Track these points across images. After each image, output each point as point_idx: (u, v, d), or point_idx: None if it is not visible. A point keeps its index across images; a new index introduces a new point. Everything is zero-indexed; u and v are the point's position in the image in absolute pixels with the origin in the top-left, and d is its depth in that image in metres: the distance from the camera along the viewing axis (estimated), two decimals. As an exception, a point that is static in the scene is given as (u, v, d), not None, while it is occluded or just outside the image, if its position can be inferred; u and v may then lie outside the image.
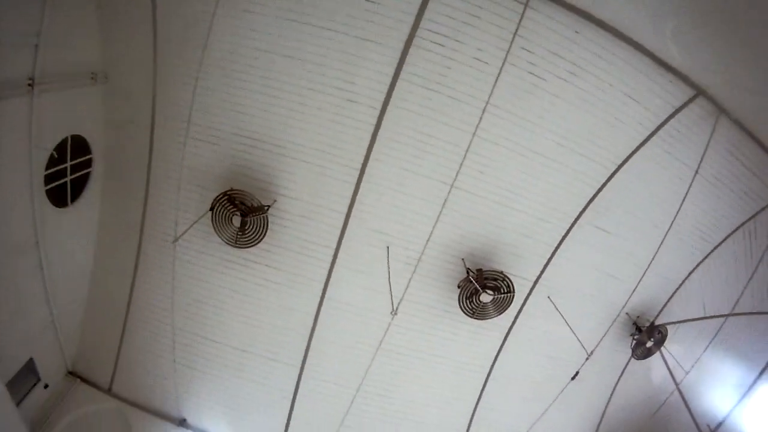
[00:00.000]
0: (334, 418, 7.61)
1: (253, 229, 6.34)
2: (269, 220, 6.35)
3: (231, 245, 6.44)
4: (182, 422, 7.61)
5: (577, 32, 5.62)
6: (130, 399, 7.65)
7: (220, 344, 7.32)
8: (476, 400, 7.90)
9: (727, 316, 7.86)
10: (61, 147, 5.82)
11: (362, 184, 6.35)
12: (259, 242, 6.43)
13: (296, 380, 7.44)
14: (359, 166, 6.25)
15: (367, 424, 7.77)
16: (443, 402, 7.83)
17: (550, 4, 5.43)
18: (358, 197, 6.43)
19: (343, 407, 7.54)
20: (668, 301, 7.78)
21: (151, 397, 7.67)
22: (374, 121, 6.03)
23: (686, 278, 7.62)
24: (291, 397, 7.53)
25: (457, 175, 6.28)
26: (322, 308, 7.03)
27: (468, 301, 6.54)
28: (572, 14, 5.48)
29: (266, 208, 6.27)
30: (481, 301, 6.45)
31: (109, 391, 7.61)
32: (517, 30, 5.59)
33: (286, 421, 7.68)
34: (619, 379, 8.35)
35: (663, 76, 5.87)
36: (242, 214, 6.17)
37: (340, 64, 5.76)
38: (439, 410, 7.87)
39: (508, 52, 5.69)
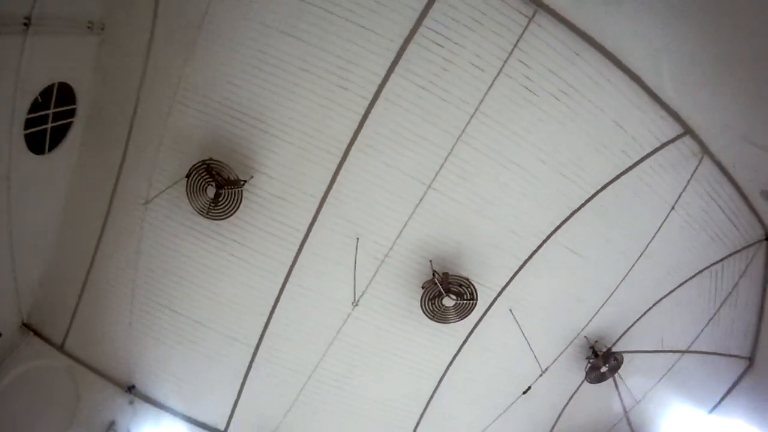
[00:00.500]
0: (284, 402, 7.54)
1: (227, 202, 6.24)
2: (244, 195, 6.27)
3: (202, 215, 6.33)
4: (131, 388, 7.44)
5: (577, 54, 5.65)
6: (80, 358, 7.45)
7: (178, 314, 7.18)
8: (426, 402, 7.91)
9: (683, 352, 8.00)
10: (46, 93, 5.62)
11: (341, 173, 6.32)
12: (230, 216, 6.34)
13: (250, 360, 7.35)
14: (341, 154, 6.21)
15: (315, 412, 7.72)
16: (393, 400, 7.84)
17: (554, 22, 5.45)
18: (335, 185, 6.39)
19: (293, 393, 7.47)
20: (628, 329, 7.89)
21: (102, 359, 7.48)
22: (363, 111, 5.99)
23: (648, 310, 7.74)
24: (243, 376, 7.43)
25: (435, 177, 6.28)
26: (285, 291, 6.96)
27: (430, 303, 6.56)
28: (575, 36, 5.51)
29: (242, 182, 6.20)
30: (443, 305, 6.47)
31: (61, 348, 7.42)
32: (517, 42, 5.59)
33: (234, 400, 7.57)
34: (569, 400, 8.44)
35: (654, 110, 5.94)
36: (217, 186, 6.08)
37: (338, 50, 5.69)
38: (389, 408, 7.88)
39: (505, 62, 5.70)
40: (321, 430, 7.86)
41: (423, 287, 6.65)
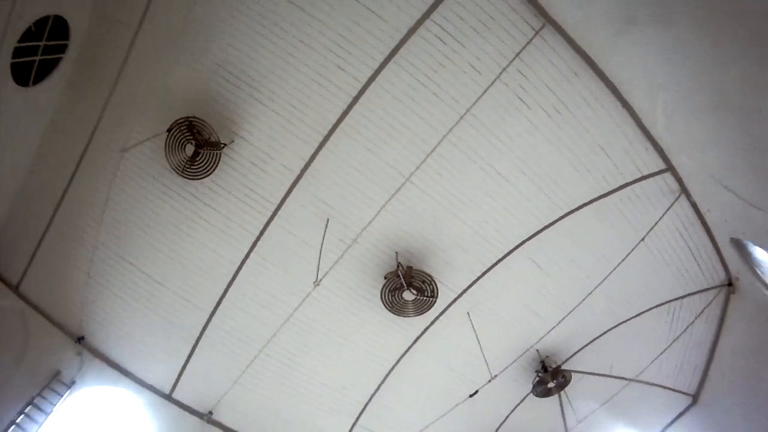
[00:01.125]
0: (231, 373, 7.46)
1: (204, 163, 6.14)
2: (222, 158, 6.18)
3: (177, 173, 6.21)
4: (80, 339, 7.26)
5: (575, 74, 5.71)
6: (34, 302, 7.25)
7: (138, 270, 7.06)
8: (373, 392, 7.98)
9: (630, 380, 8.19)
10: (40, 24, 5.41)
11: (322, 151, 6.28)
12: (205, 177, 6.24)
13: (203, 326, 7.28)
14: (325, 133, 6.18)
15: (262, 387, 7.68)
16: (341, 385, 7.88)
17: (559, 39, 5.48)
18: (314, 162, 6.36)
19: (242, 364, 7.40)
20: (580, 350, 8.06)
21: (55, 306, 7.30)
22: (355, 93, 5.96)
23: (602, 334, 7.91)
24: (194, 341, 7.36)
25: (415, 170, 6.29)
26: (248, 261, 6.91)
27: (390, 295, 6.61)
28: (577, 56, 5.56)
29: (222, 145, 6.09)
30: (402, 298, 6.54)
31: (15, 289, 7.21)
32: (520, 52, 5.61)
33: (183, 364, 7.48)
34: (513, 410, 8.61)
35: (641, 141, 6.04)
36: (197, 145, 5.97)
37: (342, 28, 5.63)
38: (335, 392, 7.92)
39: (504, 69, 5.72)
40: (264, 406, 7.83)
41: (385, 277, 6.69)
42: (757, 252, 6.20)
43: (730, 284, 7.19)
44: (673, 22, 3.85)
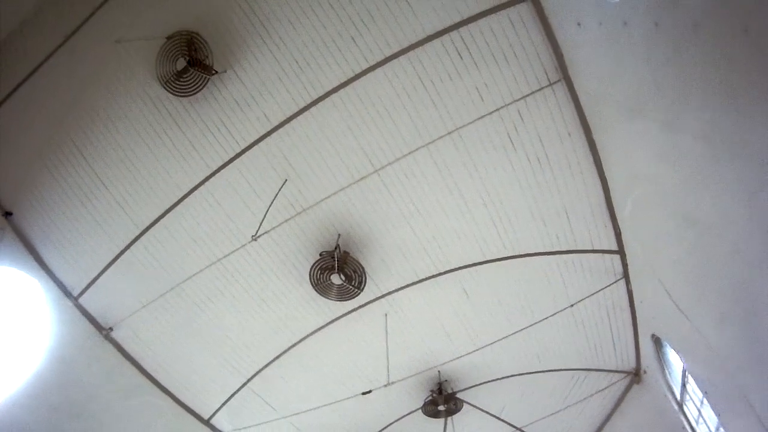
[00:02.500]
0: (143, 297, 7.24)
1: (189, 82, 5.93)
2: (208, 84, 5.99)
3: (160, 83, 5.96)
4: (7, 214, 6.87)
5: (569, 134, 5.90)
6: (-30, 163, 6.82)
7: (87, 164, 6.64)
8: (272, 359, 7.98)
9: (516, 428, 8.51)
10: None
11: (305, 114, 6.20)
12: (185, 96, 6.04)
13: (131, 241, 6.98)
14: (316, 97, 6.10)
15: (167, 321, 7.45)
16: (243, 343, 7.82)
17: (568, 98, 5.65)
18: (294, 121, 6.26)
19: (156, 292, 7.21)
20: (479, 385, 8.34)
21: None
22: (359, 70, 5.93)
23: (504, 377, 8.23)
24: (117, 253, 7.03)
25: (386, 165, 6.37)
26: (194, 193, 6.70)
27: (319, 272, 6.66)
28: (577, 120, 5.74)
29: (214, 72, 5.92)
30: (330, 279, 6.60)
31: (-39, 141, 6.79)
32: (527, 95, 5.76)
33: (98, 273, 7.09)
34: (398, 420, 8.84)
35: (603, 218, 6.31)
36: (189, 62, 5.76)
37: (372, 6, 5.55)
38: (236, 348, 7.85)
39: (506, 105, 5.86)
40: (163, 340, 7.62)
41: (321, 255, 6.74)
42: (671, 355, 6.58)
43: (636, 374, 7.61)
44: (675, 129, 3.96)
